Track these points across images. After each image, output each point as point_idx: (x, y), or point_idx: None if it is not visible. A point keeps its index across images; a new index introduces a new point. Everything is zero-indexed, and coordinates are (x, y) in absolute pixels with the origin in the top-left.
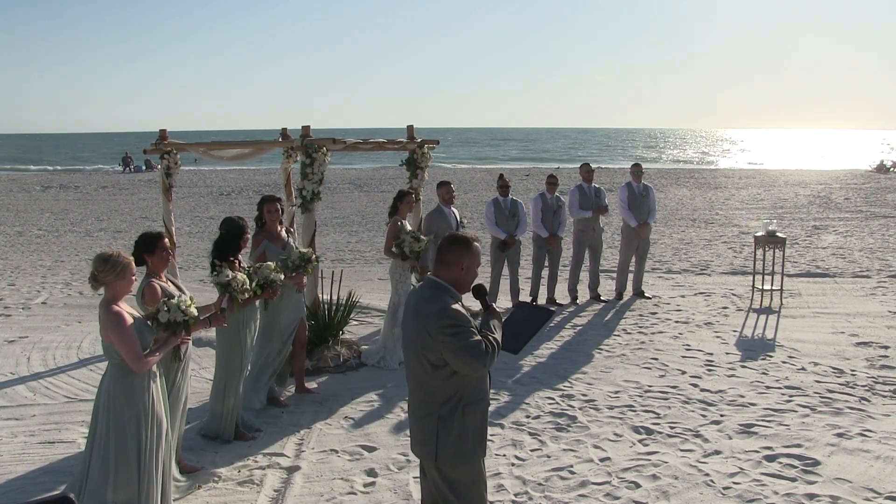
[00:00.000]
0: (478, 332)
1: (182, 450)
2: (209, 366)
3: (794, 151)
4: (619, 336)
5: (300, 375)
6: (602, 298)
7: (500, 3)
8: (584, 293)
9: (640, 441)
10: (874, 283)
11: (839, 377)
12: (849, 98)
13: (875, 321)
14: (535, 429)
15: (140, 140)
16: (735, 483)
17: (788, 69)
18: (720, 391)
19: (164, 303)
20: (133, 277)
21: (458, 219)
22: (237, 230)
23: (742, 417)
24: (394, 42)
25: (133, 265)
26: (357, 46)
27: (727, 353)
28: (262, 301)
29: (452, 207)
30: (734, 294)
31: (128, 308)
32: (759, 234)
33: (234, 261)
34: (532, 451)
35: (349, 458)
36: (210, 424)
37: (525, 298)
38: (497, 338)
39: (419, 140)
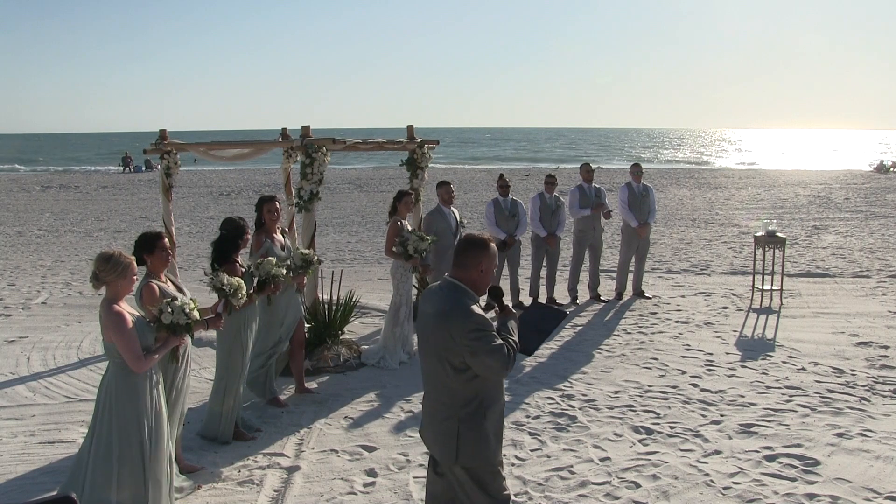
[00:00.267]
0: (499, 336)
1: (182, 450)
2: (209, 366)
3: (794, 151)
4: (619, 336)
5: (300, 375)
6: (602, 298)
7: (500, 3)
8: (584, 293)
9: (640, 441)
10: (874, 283)
11: (839, 377)
12: (849, 98)
13: (875, 321)
14: (535, 429)
15: (138, 140)
16: (735, 483)
17: (788, 69)
18: (720, 391)
19: (168, 304)
20: (134, 277)
21: (458, 219)
22: (237, 230)
23: (742, 417)
24: (394, 42)
25: (134, 265)
26: (357, 46)
27: (727, 353)
28: (266, 297)
29: (452, 207)
30: (734, 294)
31: (129, 308)
32: (759, 234)
33: (235, 261)
34: (532, 451)
35: (349, 458)
36: (209, 425)
37: (524, 299)
38: (516, 340)
39: (419, 140)
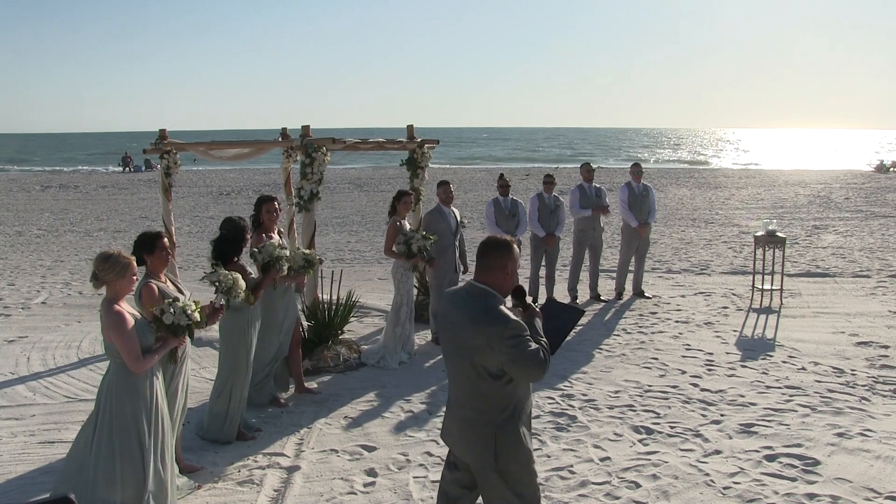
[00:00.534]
0: (534, 339)
1: (182, 450)
2: (209, 365)
3: (795, 151)
4: (619, 336)
5: (299, 375)
6: (602, 298)
7: (501, 3)
8: (584, 293)
9: (640, 441)
10: (874, 283)
11: (839, 377)
12: (849, 98)
13: (875, 321)
14: (535, 429)
15: (136, 140)
16: (735, 483)
17: (788, 69)
18: (720, 391)
19: (170, 304)
20: (134, 277)
21: (458, 219)
22: (237, 230)
23: (742, 417)
24: (394, 42)
25: (134, 264)
26: (357, 46)
27: (727, 353)
28: (273, 284)
29: (452, 207)
30: (734, 294)
31: (129, 308)
32: (759, 234)
33: (236, 262)
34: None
35: (349, 458)
36: (212, 426)
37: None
38: (545, 341)
39: (419, 140)
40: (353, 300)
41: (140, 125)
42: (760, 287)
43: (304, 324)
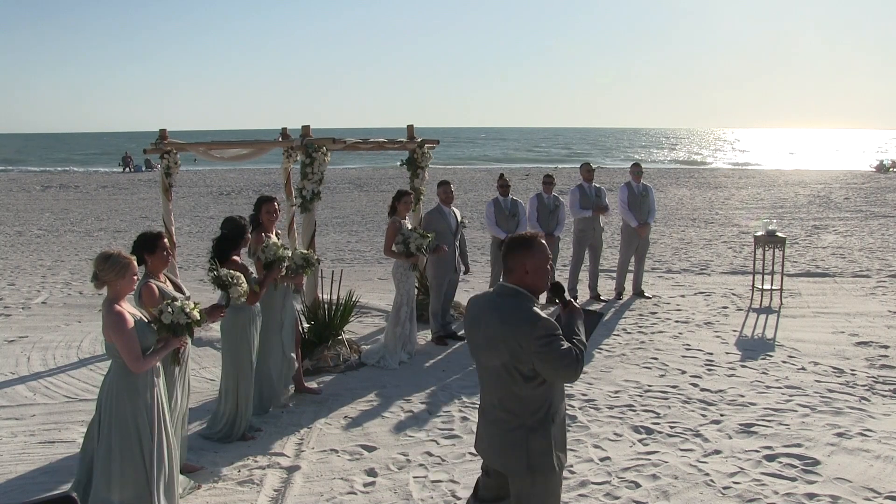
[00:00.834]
0: (566, 339)
1: (185, 450)
2: (209, 365)
3: (795, 151)
4: (619, 336)
5: (299, 375)
6: (602, 298)
7: (501, 3)
8: (584, 293)
9: (640, 441)
10: (874, 283)
11: (839, 377)
12: (849, 98)
13: (875, 321)
14: None
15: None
16: (735, 483)
17: (788, 69)
18: (720, 391)
19: (168, 304)
20: (135, 277)
21: (459, 219)
22: (238, 230)
23: (742, 417)
24: (394, 42)
25: (134, 264)
26: (357, 46)
27: (727, 353)
28: (274, 283)
29: (452, 207)
30: (734, 294)
31: (130, 308)
32: (759, 234)
33: (234, 260)
34: None
35: (349, 458)
36: (221, 427)
37: None
38: (584, 340)
39: (419, 140)
40: (354, 300)
41: (140, 125)
42: (760, 287)
43: (304, 324)
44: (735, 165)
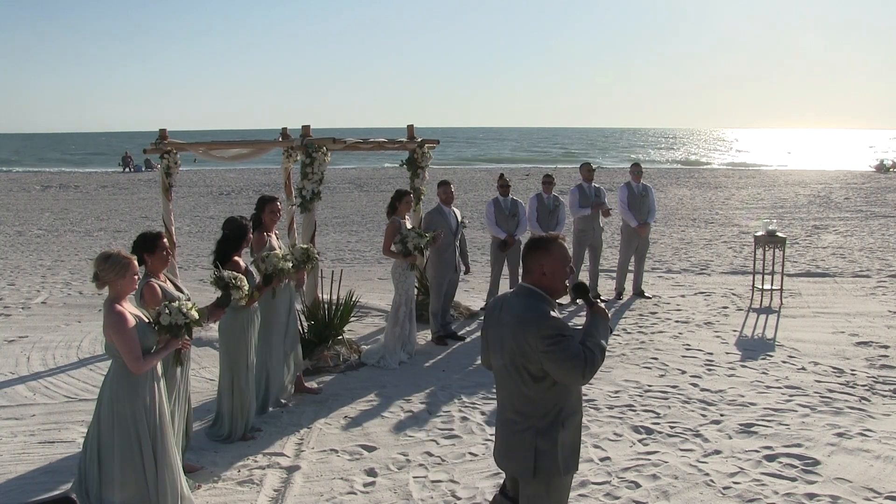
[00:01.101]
0: (583, 340)
1: (187, 450)
2: (209, 365)
3: (795, 151)
4: (619, 336)
5: (299, 375)
6: (602, 298)
7: (501, 3)
8: None
9: (640, 441)
10: (874, 283)
11: (839, 377)
12: (849, 98)
13: (875, 321)
14: None
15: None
16: (735, 483)
17: (788, 69)
18: (720, 391)
19: (166, 305)
20: (136, 276)
21: (459, 219)
22: (240, 230)
23: (742, 417)
24: (394, 42)
25: (135, 264)
26: (357, 46)
27: (727, 353)
28: (271, 290)
29: (452, 207)
30: (734, 294)
31: (132, 308)
32: (759, 234)
33: (235, 261)
34: None
35: (349, 458)
36: (220, 426)
37: None
38: (602, 343)
39: (419, 140)
40: (353, 300)
41: (140, 125)
42: (760, 287)
43: (304, 324)
44: (735, 166)
